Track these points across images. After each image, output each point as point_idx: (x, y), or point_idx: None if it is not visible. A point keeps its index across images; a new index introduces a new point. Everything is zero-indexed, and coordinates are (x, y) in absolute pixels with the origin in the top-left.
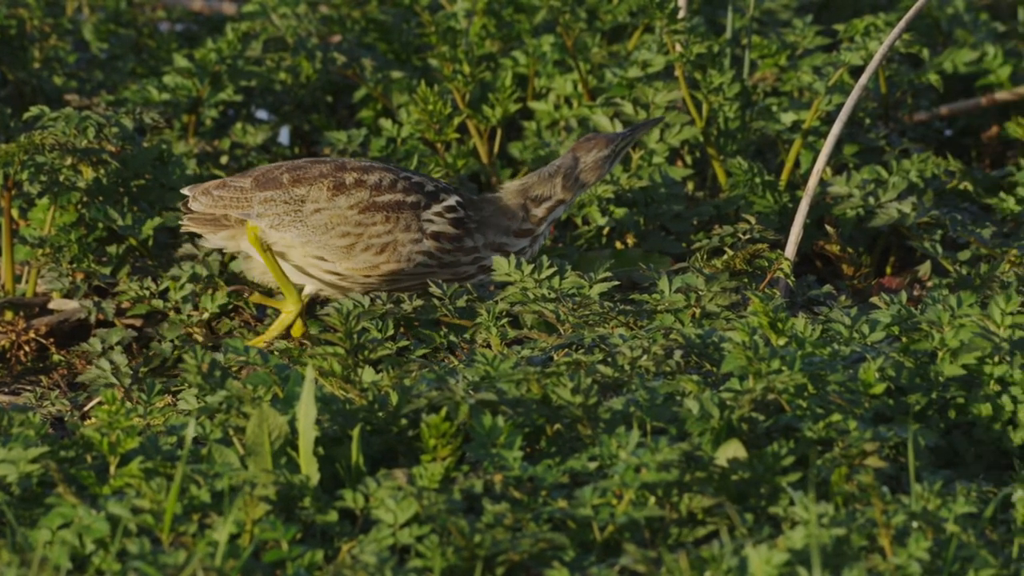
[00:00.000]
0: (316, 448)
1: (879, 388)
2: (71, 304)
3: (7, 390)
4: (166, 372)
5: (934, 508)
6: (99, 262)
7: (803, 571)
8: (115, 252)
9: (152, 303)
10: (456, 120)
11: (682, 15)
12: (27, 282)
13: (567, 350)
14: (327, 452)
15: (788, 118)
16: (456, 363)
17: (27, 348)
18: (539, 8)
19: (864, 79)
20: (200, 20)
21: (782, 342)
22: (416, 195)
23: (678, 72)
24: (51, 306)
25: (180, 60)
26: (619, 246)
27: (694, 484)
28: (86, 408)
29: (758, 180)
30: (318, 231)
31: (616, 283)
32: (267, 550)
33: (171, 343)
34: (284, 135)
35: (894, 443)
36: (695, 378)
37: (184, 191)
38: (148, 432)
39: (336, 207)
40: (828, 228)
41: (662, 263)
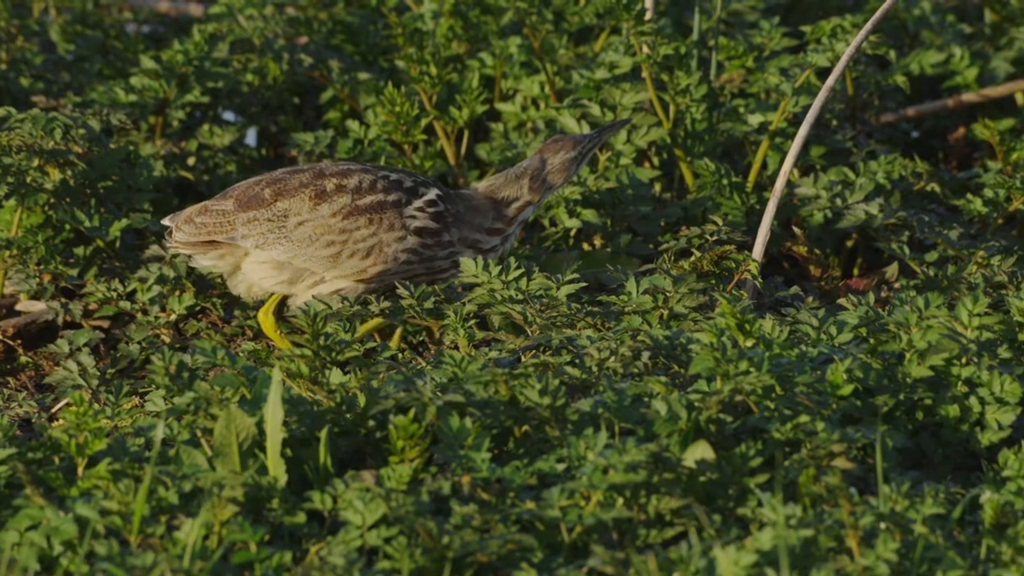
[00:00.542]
0: (284, 449)
1: (847, 389)
2: (38, 305)
3: None
4: (134, 373)
5: (902, 509)
6: (66, 263)
7: (771, 572)
8: (82, 253)
9: (119, 304)
10: (423, 121)
11: (649, 16)
12: None
13: (535, 352)
14: (295, 453)
15: (755, 119)
16: (424, 365)
17: None
18: (506, 9)
19: (831, 81)
20: (167, 22)
21: (750, 343)
22: (396, 193)
23: (645, 73)
24: (18, 307)
25: (147, 62)
26: (586, 247)
27: (662, 485)
28: (54, 410)
29: (725, 182)
30: (303, 244)
31: (583, 284)
32: (235, 551)
33: (138, 344)
34: (251, 136)
35: (862, 444)
36: (663, 379)
37: (165, 222)
38: (116, 434)
39: (319, 216)
40: (795, 229)
41: (630, 264)
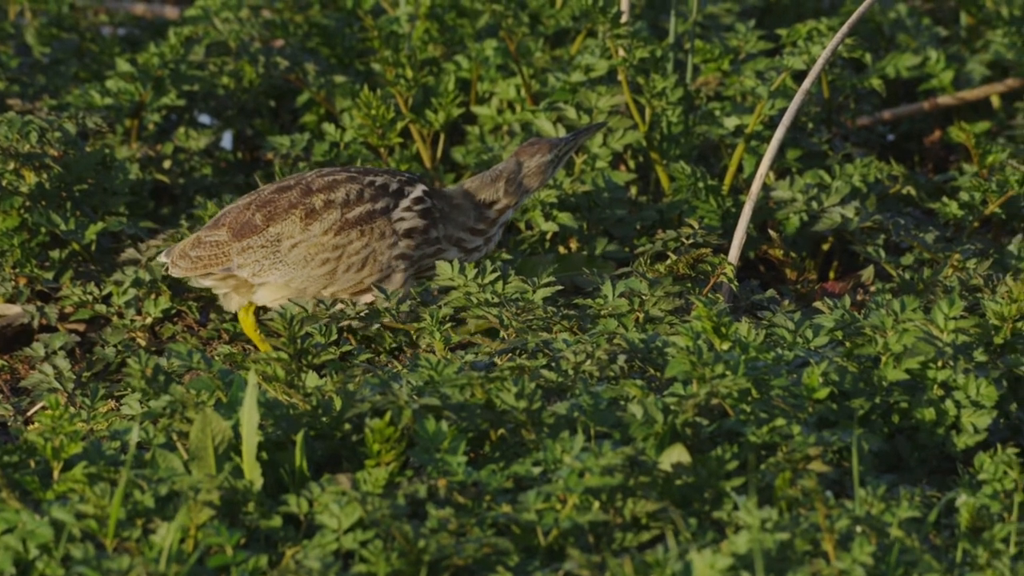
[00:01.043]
0: (260, 453)
1: (823, 393)
2: (14, 309)
3: None
4: (109, 377)
5: (878, 512)
6: (42, 267)
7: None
8: (58, 257)
9: (95, 308)
10: (399, 125)
11: (625, 19)
12: None
13: (511, 355)
14: (271, 457)
15: (731, 123)
16: (400, 368)
17: None
18: (482, 13)
19: (807, 84)
20: (143, 24)
21: (726, 347)
22: (384, 199)
23: (621, 76)
24: None
25: (123, 65)
26: (562, 251)
27: (638, 489)
28: (29, 413)
29: (701, 185)
30: (298, 265)
31: (559, 288)
32: (211, 555)
33: (114, 348)
34: (227, 139)
35: (838, 448)
36: (639, 383)
37: (161, 259)
38: (92, 437)
39: (311, 236)
40: (771, 233)
41: (605, 268)
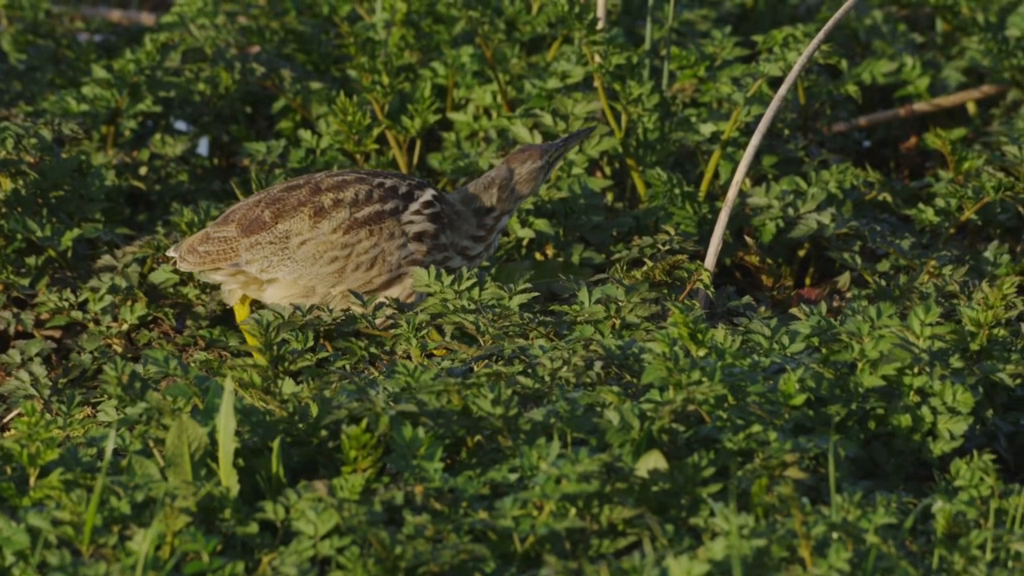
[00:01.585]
0: (236, 459)
1: (799, 399)
2: None
3: None
4: (86, 383)
5: (854, 519)
6: (18, 273)
7: None
8: (34, 263)
9: (71, 314)
10: (375, 131)
11: (601, 26)
12: None
13: (487, 361)
14: (247, 463)
15: (707, 129)
16: (377, 374)
17: None
18: (458, 19)
19: (783, 90)
20: (119, 31)
21: (702, 353)
22: (393, 200)
23: (597, 83)
24: None
25: (99, 71)
26: (539, 257)
27: (615, 495)
28: (5, 420)
29: (677, 191)
30: (307, 263)
31: (536, 294)
32: (188, 562)
33: (90, 354)
34: (203, 146)
35: (814, 454)
36: (615, 389)
37: (169, 252)
38: (68, 444)
39: (320, 234)
40: (747, 239)
41: (582, 274)
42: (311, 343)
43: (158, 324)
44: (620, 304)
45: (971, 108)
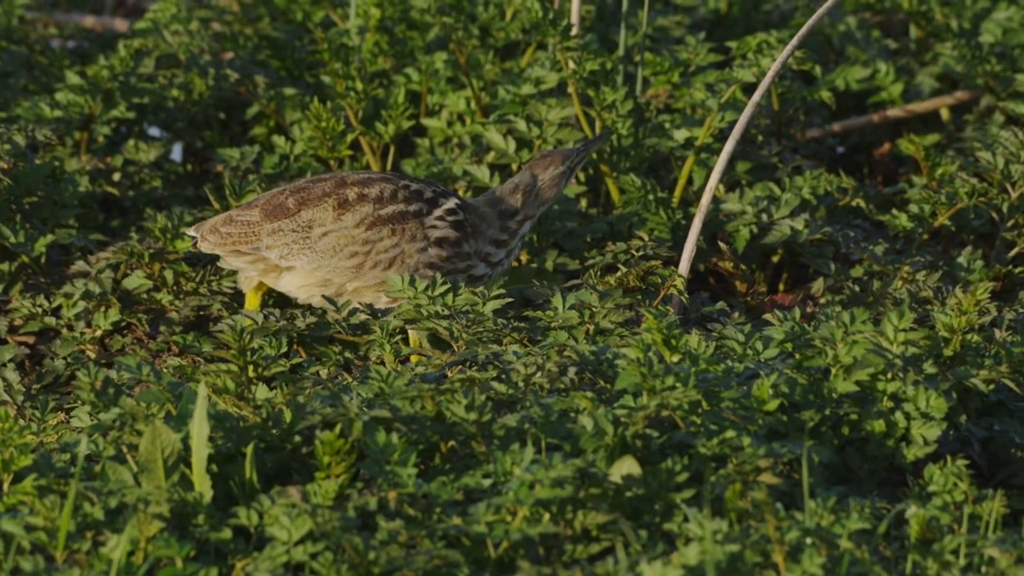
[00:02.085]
0: (210, 465)
1: (773, 405)
2: None
3: None
4: (59, 389)
5: (828, 524)
6: None
7: None
8: (7, 269)
9: (45, 320)
10: (349, 137)
11: (575, 32)
12: None
13: (461, 367)
14: (221, 469)
15: (681, 135)
16: (350, 380)
17: None
18: (432, 25)
19: (757, 96)
20: (92, 37)
21: (676, 359)
22: (417, 203)
23: (571, 89)
24: None
25: (72, 77)
26: (512, 263)
27: (588, 501)
28: None
29: (651, 197)
30: (327, 255)
31: (510, 300)
32: (161, 567)
33: (64, 360)
34: (177, 152)
35: (788, 459)
36: (589, 395)
37: (190, 232)
38: (41, 449)
39: (343, 227)
40: (721, 245)
41: (555, 280)
42: (285, 348)
43: (131, 330)
44: (594, 310)
45: (945, 114)
